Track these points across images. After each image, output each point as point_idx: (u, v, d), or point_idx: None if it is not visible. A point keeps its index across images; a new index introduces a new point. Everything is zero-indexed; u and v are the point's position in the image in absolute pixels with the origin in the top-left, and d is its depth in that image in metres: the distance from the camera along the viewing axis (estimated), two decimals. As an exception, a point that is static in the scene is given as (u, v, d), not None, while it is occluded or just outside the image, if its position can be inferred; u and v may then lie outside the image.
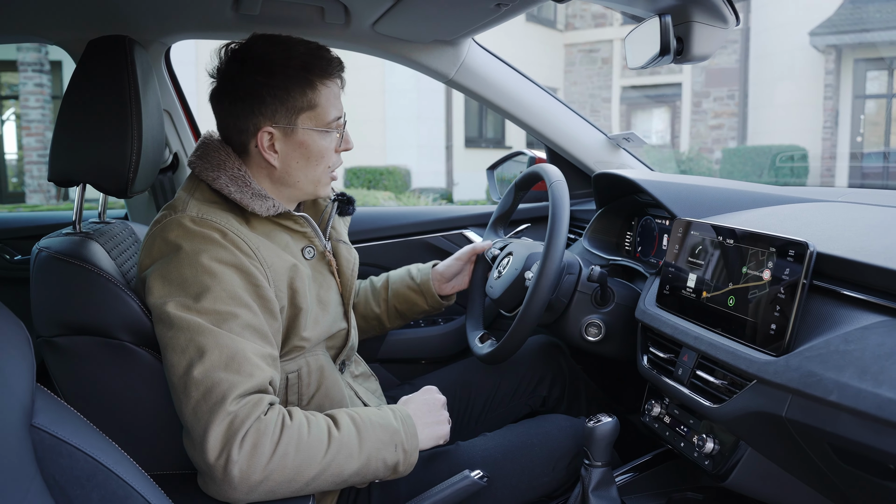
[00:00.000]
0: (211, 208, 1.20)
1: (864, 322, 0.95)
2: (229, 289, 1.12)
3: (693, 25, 1.19)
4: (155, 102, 1.37)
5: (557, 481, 1.36)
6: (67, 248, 1.21)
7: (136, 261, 1.38)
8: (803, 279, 1.01)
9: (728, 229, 1.19)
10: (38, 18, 1.57)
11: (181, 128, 1.88)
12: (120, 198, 1.34)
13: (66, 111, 1.27)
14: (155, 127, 1.36)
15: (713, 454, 1.18)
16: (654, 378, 1.32)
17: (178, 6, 1.53)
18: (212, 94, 1.27)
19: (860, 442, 0.87)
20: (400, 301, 1.68)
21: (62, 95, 1.30)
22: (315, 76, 1.24)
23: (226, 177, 1.23)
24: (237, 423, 1.04)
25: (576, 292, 1.50)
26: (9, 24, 1.61)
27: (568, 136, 1.95)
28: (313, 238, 1.35)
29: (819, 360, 0.94)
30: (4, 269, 2.04)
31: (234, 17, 1.58)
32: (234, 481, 1.04)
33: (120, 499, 0.85)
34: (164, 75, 1.82)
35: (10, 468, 0.74)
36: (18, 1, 1.47)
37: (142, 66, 1.30)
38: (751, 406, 1.04)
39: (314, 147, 1.27)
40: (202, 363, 1.07)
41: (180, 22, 1.64)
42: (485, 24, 1.50)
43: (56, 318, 1.18)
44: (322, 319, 1.33)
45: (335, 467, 1.11)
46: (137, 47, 1.30)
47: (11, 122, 11.11)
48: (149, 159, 1.33)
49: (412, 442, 1.21)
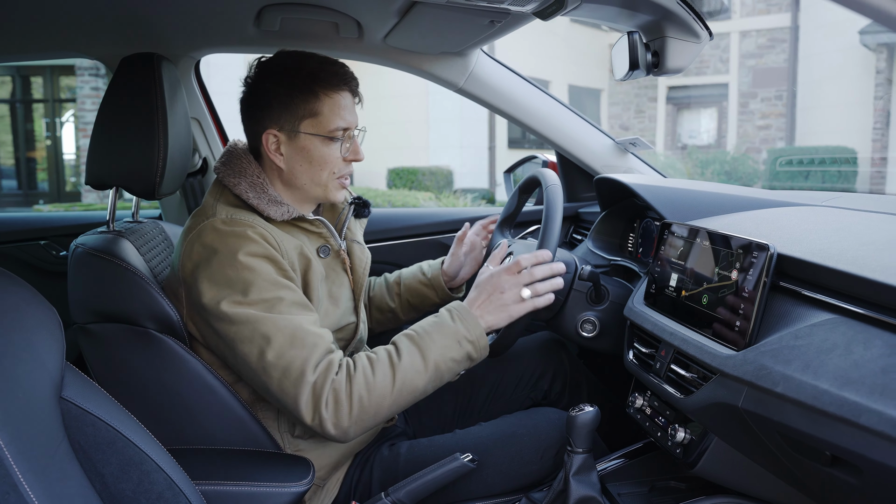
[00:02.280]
0: (237, 210, 1.34)
1: (814, 319, 1.01)
2: (268, 277, 1.27)
3: (667, 41, 1.27)
4: (182, 112, 1.50)
5: (545, 469, 1.45)
6: (100, 245, 1.35)
7: (165, 257, 1.52)
8: (764, 278, 1.08)
9: (703, 231, 1.26)
10: (80, 37, 1.73)
11: (210, 134, 2.02)
12: (148, 199, 1.48)
13: (100, 121, 1.41)
14: (181, 135, 1.49)
15: (684, 443, 1.25)
16: (637, 371, 1.39)
17: (205, 24, 1.67)
18: (240, 101, 1.42)
19: (801, 430, 0.94)
20: (412, 295, 1.80)
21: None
22: (319, 86, 1.36)
23: (246, 183, 1.37)
24: (318, 390, 1.22)
25: (571, 290, 1.59)
26: (54, 42, 1.77)
27: (576, 141, 2.03)
28: (329, 238, 1.47)
29: (771, 355, 1.01)
30: (51, 263, 2.22)
31: (256, 32, 1.71)
32: (331, 431, 1.23)
33: (136, 464, 0.97)
34: (194, 86, 1.97)
35: (42, 432, 0.87)
36: (63, 21, 1.62)
37: (169, 79, 1.43)
38: (713, 397, 1.11)
39: (315, 152, 1.38)
40: (271, 348, 1.23)
41: (207, 38, 1.78)
42: (485, 37, 1.59)
43: (89, 308, 1.32)
44: (332, 313, 1.44)
45: (408, 387, 1.27)
46: (165, 62, 1.44)
47: (70, 124, 11.54)
48: (175, 165, 1.46)
49: (475, 331, 1.34)
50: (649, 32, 1.29)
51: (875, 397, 0.83)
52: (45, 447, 0.87)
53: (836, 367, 0.90)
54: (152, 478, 0.99)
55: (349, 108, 1.41)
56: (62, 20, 1.61)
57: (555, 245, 1.47)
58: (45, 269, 2.19)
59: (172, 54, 1.82)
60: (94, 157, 1.43)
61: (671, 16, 1.19)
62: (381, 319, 1.83)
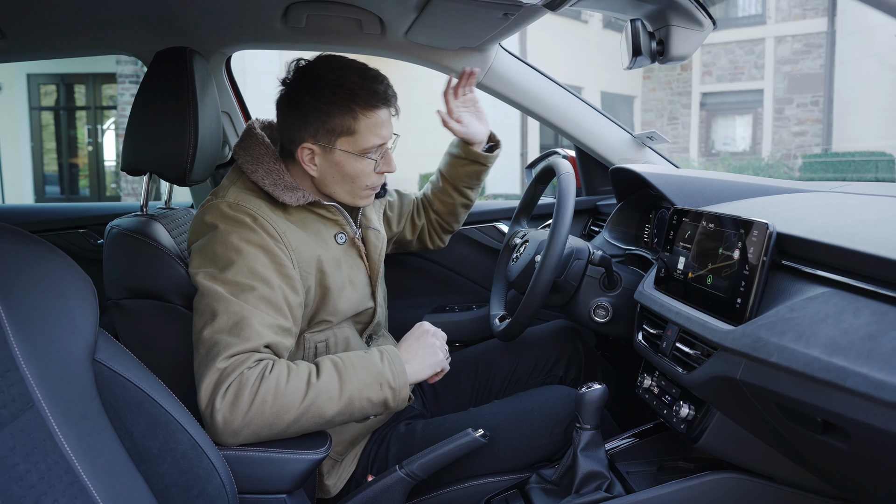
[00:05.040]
0: (248, 195, 1.38)
1: (810, 293, 1.04)
2: (251, 265, 1.29)
3: (671, 29, 1.31)
4: (213, 105, 1.58)
5: (555, 444, 1.49)
6: (134, 226, 1.43)
7: None
8: (763, 256, 1.12)
9: (708, 214, 1.30)
10: (118, 34, 1.82)
11: (240, 128, 2.11)
12: (180, 185, 1.56)
13: (136, 111, 1.50)
14: (211, 125, 1.56)
15: (688, 419, 1.29)
16: (645, 352, 1.43)
17: (234, 20, 1.75)
18: (276, 101, 1.44)
19: (794, 398, 0.97)
20: (462, 177, 1.84)
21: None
22: (358, 106, 1.36)
23: (262, 170, 1.40)
24: (223, 377, 1.19)
25: (584, 276, 1.63)
26: (93, 40, 1.87)
27: (594, 135, 2.07)
28: (345, 225, 1.51)
29: (767, 327, 1.04)
30: (89, 250, 2.32)
31: (284, 29, 1.78)
32: (218, 426, 1.18)
33: (162, 423, 1.04)
34: (225, 81, 2.05)
35: (76, 389, 0.94)
36: (101, 20, 1.72)
37: (200, 72, 1.51)
38: (714, 371, 1.15)
39: (349, 168, 1.41)
40: (212, 325, 1.24)
41: (236, 35, 1.86)
42: (501, 31, 1.64)
43: (122, 285, 1.40)
44: (353, 297, 1.50)
45: (315, 410, 1.23)
46: (197, 56, 1.52)
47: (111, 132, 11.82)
48: (206, 154, 1.54)
49: (400, 379, 1.30)
50: (654, 21, 1.33)
51: (861, 361, 0.86)
52: (79, 403, 0.94)
53: (827, 336, 0.93)
54: (177, 437, 1.05)
55: (386, 124, 1.41)
56: (102, 18, 1.71)
57: (566, 230, 1.52)
58: (84, 255, 2.29)
59: (205, 50, 1.91)
60: (130, 144, 1.51)
61: (675, 5, 1.23)
62: (456, 211, 1.90)
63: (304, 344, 1.44)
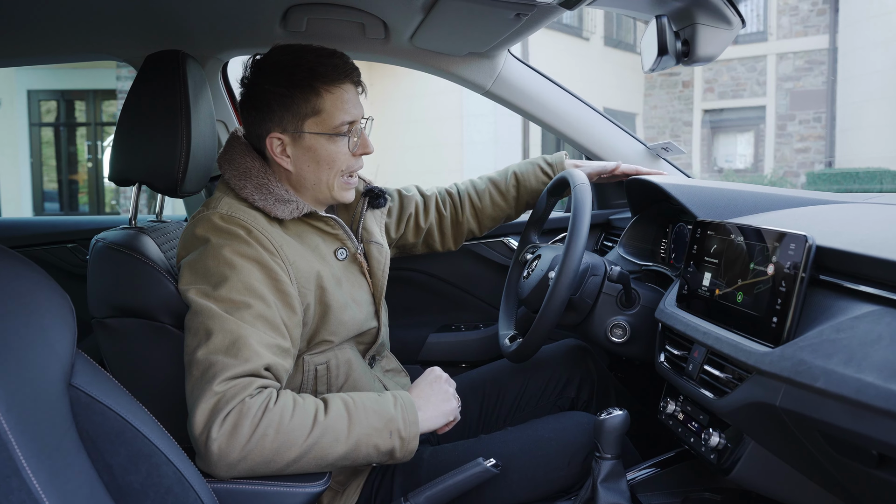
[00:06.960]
0: (241, 206, 1.30)
1: (857, 312, 0.96)
2: (246, 280, 1.20)
3: (698, 27, 1.23)
4: (207, 112, 1.50)
5: (573, 476, 1.39)
6: (121, 239, 1.34)
7: None
8: (802, 272, 1.03)
9: (736, 227, 1.21)
10: (108, 38, 1.75)
11: (236, 138, 2.02)
12: (171, 196, 1.47)
13: (125, 117, 1.41)
14: (205, 133, 1.48)
15: (719, 448, 1.19)
16: (668, 375, 1.34)
17: (231, 24, 1.67)
18: (238, 104, 1.38)
19: (844, 427, 0.88)
20: (535, 194, 1.81)
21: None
22: (320, 83, 1.30)
23: (251, 185, 1.32)
24: (222, 404, 1.10)
25: (601, 294, 1.54)
26: (83, 44, 1.79)
27: (607, 146, 1.99)
28: (345, 240, 1.43)
29: (810, 350, 0.95)
30: (77, 266, 2.22)
31: (283, 34, 1.71)
32: (213, 457, 1.09)
33: (145, 455, 0.94)
34: (221, 88, 1.97)
35: (49, 418, 0.85)
36: (90, 23, 1.64)
37: (194, 77, 1.43)
38: (749, 397, 1.06)
39: (322, 151, 1.34)
40: (206, 345, 1.15)
41: (233, 39, 1.78)
42: (511, 35, 1.57)
43: (108, 302, 1.31)
44: (357, 316, 1.41)
45: (318, 450, 1.14)
46: (191, 61, 1.44)
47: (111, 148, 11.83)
48: (199, 163, 1.45)
49: (411, 429, 1.23)
50: (679, 20, 1.25)
51: (924, 388, 0.78)
52: (52, 433, 0.85)
53: (882, 359, 0.85)
54: (162, 471, 0.96)
55: (353, 101, 1.35)
56: (90, 21, 1.62)
57: (583, 245, 1.43)
58: (72, 271, 2.19)
59: (199, 55, 1.83)
60: (118, 153, 1.43)
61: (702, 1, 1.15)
62: (496, 217, 1.86)
63: (303, 367, 1.35)
